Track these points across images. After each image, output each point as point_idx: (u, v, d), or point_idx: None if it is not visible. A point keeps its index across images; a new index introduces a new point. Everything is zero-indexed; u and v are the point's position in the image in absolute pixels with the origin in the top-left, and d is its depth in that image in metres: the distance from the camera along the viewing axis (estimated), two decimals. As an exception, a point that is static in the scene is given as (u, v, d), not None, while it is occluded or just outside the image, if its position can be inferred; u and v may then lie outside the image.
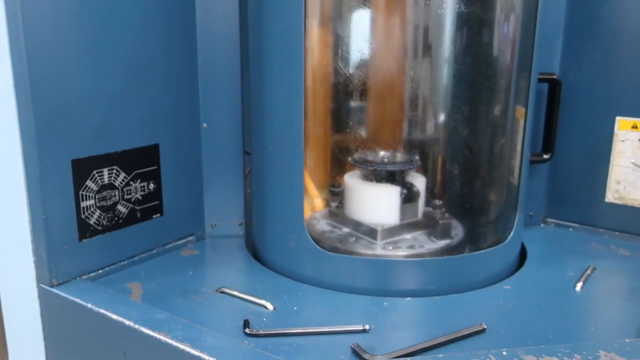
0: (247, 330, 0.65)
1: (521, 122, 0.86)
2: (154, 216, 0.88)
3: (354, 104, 0.89)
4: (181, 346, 0.61)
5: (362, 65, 0.86)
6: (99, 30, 0.75)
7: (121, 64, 0.79)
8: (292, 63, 0.76)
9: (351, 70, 0.86)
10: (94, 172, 0.77)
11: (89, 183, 0.77)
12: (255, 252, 0.92)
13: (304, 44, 0.74)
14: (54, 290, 0.74)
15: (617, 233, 0.97)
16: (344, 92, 0.88)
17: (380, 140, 0.92)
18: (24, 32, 0.67)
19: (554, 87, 0.96)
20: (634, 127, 0.93)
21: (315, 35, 0.85)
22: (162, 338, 0.62)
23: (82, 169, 0.76)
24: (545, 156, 0.99)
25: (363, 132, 0.92)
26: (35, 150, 0.70)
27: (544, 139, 0.99)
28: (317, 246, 0.79)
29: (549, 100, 0.97)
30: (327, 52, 0.87)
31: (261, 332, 0.65)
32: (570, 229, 1.02)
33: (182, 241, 0.94)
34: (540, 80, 0.93)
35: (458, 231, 0.89)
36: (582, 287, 0.78)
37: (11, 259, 0.79)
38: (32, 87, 0.69)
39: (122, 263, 0.83)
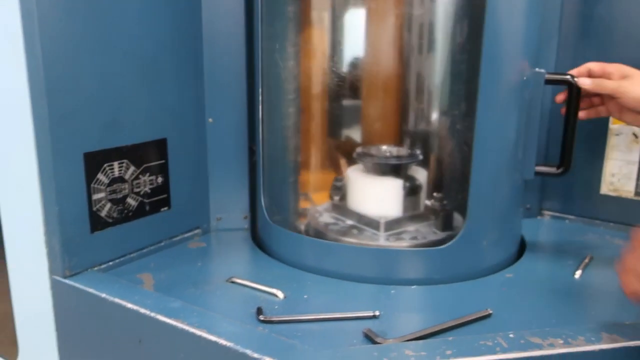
0: (261, 317, 0.67)
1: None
2: (162, 209, 0.89)
3: (357, 101, 0.91)
4: (198, 332, 0.62)
5: (363, 63, 0.88)
6: (109, 29, 0.77)
7: (130, 61, 0.80)
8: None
9: (354, 69, 0.88)
10: (105, 165, 0.79)
11: (100, 176, 0.78)
12: (262, 245, 0.93)
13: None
14: (67, 281, 0.75)
15: (611, 224, 1.00)
16: (350, 89, 0.90)
17: (384, 134, 0.94)
18: (39, 31, 0.68)
19: (570, 90, 0.81)
20: (628, 121, 0.96)
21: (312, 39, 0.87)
22: (179, 325, 0.64)
23: (94, 162, 0.77)
24: (558, 170, 0.85)
25: (366, 127, 0.94)
26: (49, 144, 0.71)
27: (561, 150, 0.84)
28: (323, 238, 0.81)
29: (567, 106, 0.82)
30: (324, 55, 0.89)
31: (274, 319, 0.67)
32: (567, 221, 1.05)
33: (189, 234, 0.95)
34: (550, 82, 0.82)
35: (459, 222, 0.91)
36: (581, 275, 0.81)
37: (23, 251, 0.80)
38: (47, 84, 0.70)
39: (132, 255, 0.85)
